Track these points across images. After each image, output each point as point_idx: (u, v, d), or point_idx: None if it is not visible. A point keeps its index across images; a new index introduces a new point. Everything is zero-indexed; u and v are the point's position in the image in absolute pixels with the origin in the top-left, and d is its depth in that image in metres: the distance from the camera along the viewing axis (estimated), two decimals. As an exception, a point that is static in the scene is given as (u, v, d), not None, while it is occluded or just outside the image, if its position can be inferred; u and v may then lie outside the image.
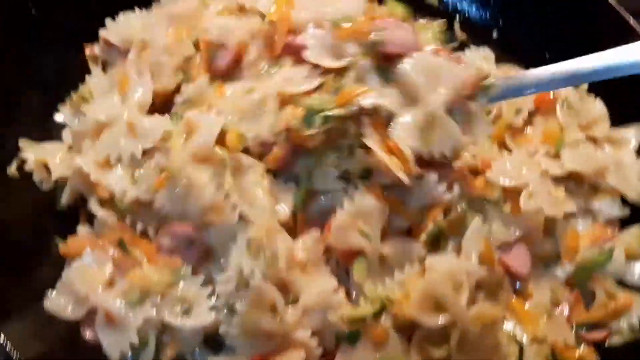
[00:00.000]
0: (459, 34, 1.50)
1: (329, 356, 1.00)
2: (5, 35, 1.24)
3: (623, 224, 1.24)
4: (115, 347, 1.01)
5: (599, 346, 1.13)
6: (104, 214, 1.10)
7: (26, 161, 1.17)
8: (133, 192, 1.07)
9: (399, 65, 1.03)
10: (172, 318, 1.01)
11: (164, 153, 1.07)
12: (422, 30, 1.28)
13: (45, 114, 1.25)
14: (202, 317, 1.01)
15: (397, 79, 1.03)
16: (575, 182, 1.25)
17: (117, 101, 1.15)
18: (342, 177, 1.06)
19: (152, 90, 1.14)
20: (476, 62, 1.40)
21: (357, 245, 1.02)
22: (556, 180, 1.24)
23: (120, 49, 1.25)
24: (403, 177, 0.99)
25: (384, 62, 1.04)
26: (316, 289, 1.00)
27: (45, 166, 1.17)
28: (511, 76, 1.18)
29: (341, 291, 1.01)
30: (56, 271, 1.07)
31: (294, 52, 1.08)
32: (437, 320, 0.98)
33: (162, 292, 1.02)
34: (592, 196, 1.25)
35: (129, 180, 1.09)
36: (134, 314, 1.00)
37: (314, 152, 1.05)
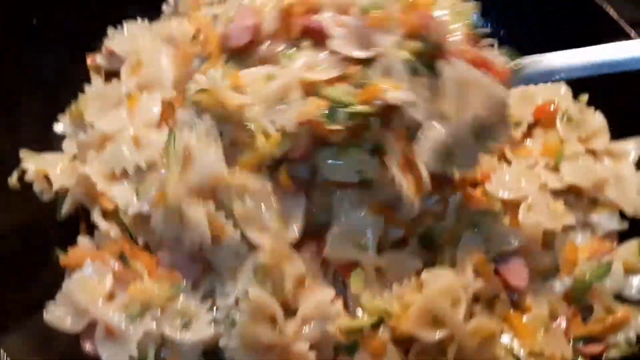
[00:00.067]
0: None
1: (327, 368, 1.00)
2: (6, 48, 1.24)
3: (622, 237, 1.24)
4: (114, 360, 1.01)
5: (596, 360, 1.13)
6: (106, 226, 1.10)
7: (27, 172, 1.17)
8: (136, 207, 1.08)
9: (435, 68, 0.95)
10: (172, 332, 1.01)
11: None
12: (451, 13, 1.05)
13: (45, 123, 1.25)
14: (201, 331, 1.01)
15: (430, 84, 0.95)
16: (574, 195, 1.26)
17: (124, 114, 1.16)
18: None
19: (160, 107, 1.15)
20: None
21: (354, 258, 1.02)
22: (555, 193, 1.24)
23: (124, 59, 1.25)
24: (414, 201, 0.97)
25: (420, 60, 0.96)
26: (314, 299, 1.00)
27: (45, 177, 1.17)
28: (541, 58, 1.07)
29: (339, 302, 1.01)
30: (56, 282, 1.07)
31: (313, 34, 1.00)
32: (435, 335, 0.98)
33: (162, 305, 1.01)
34: (591, 209, 1.26)
35: (132, 193, 1.09)
36: (134, 327, 1.00)
37: (335, 144, 0.98)
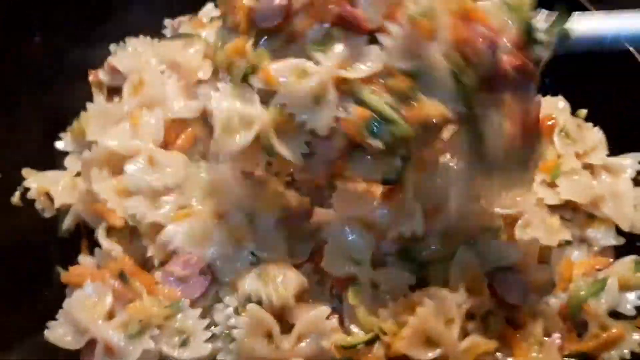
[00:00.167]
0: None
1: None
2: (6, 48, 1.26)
3: (619, 252, 1.24)
4: (114, 377, 1.02)
5: (589, 376, 1.13)
6: (108, 245, 1.11)
7: (29, 189, 1.19)
8: (152, 216, 1.10)
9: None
10: (170, 349, 1.03)
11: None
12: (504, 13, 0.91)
13: (47, 141, 1.27)
14: (199, 348, 1.03)
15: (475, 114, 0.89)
16: (571, 210, 1.25)
17: (130, 132, 1.18)
18: None
19: (163, 127, 1.18)
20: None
21: (350, 272, 1.04)
22: (551, 208, 1.24)
23: (126, 75, 1.27)
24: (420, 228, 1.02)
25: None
26: (310, 315, 1.02)
27: (47, 194, 1.19)
28: (592, 16, 0.93)
29: (334, 318, 1.03)
30: (58, 300, 1.08)
31: (348, 24, 0.92)
32: (428, 355, 0.98)
33: (160, 323, 1.03)
34: (587, 224, 1.25)
35: (148, 205, 1.12)
36: (133, 345, 1.01)
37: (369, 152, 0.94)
